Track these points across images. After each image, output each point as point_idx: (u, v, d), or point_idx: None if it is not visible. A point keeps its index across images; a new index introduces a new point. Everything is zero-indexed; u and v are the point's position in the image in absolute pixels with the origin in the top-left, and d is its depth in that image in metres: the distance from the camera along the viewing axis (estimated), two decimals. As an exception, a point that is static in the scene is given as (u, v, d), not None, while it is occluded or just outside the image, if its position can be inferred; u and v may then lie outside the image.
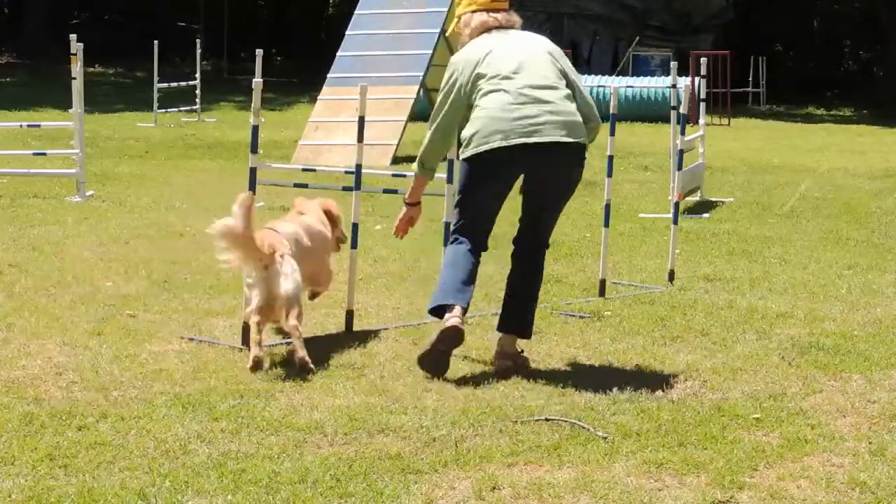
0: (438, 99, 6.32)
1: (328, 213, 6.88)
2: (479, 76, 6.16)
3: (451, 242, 6.26)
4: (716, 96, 26.36)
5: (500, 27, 6.34)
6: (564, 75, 6.27)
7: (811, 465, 4.76)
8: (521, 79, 6.12)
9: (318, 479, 4.45)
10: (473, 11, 6.37)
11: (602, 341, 6.67)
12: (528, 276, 6.26)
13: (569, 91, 6.20)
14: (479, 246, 6.21)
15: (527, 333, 6.23)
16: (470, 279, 6.10)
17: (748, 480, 4.56)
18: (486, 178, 6.12)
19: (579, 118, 6.14)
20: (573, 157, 6.14)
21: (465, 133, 6.14)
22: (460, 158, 6.22)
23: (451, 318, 5.92)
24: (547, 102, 6.09)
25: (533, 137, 6.01)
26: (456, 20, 6.51)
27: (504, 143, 6.01)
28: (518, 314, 6.19)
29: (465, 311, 6.01)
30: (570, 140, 6.07)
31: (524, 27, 6.49)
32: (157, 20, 38.45)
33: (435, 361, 5.90)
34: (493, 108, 6.07)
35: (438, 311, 6.04)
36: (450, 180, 7.44)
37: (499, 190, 6.18)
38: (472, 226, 6.20)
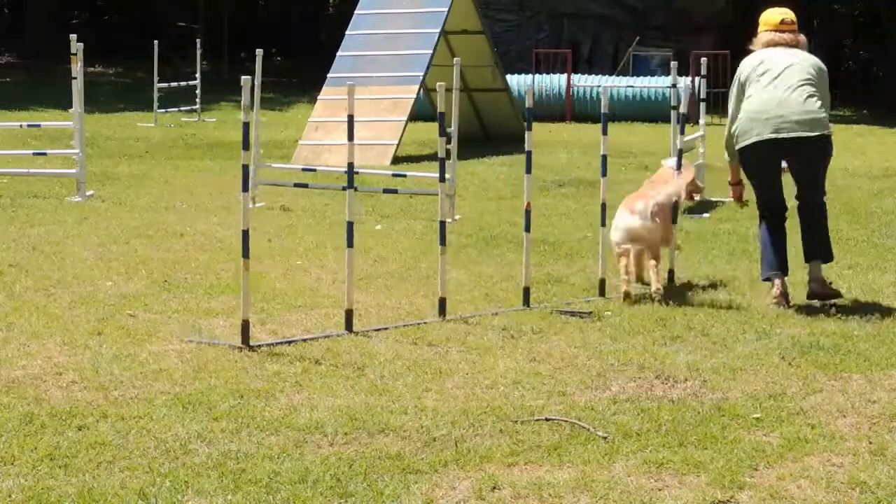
0: (731, 95, 8.01)
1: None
2: (751, 79, 7.81)
3: (761, 218, 7.93)
4: (716, 96, 26.35)
5: (785, 45, 7.96)
6: (818, 86, 7.86)
7: (811, 465, 4.76)
8: (779, 83, 7.73)
9: (318, 479, 4.46)
10: (765, 31, 8.05)
11: (602, 341, 6.67)
12: (814, 214, 7.94)
13: (818, 94, 7.81)
14: (779, 217, 7.90)
15: (828, 257, 7.92)
16: (782, 250, 7.82)
17: (748, 480, 4.56)
18: (753, 165, 7.84)
19: (822, 115, 7.77)
20: (813, 146, 7.74)
21: (735, 130, 7.84)
22: (736, 149, 7.88)
23: (774, 291, 7.63)
24: (793, 103, 7.66)
25: (781, 134, 7.65)
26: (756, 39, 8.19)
27: (758, 139, 7.68)
28: (816, 242, 7.86)
29: (785, 274, 7.75)
30: (809, 134, 7.69)
31: (524, 27, 6.60)
32: (157, 20, 38.44)
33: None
34: (752, 110, 7.72)
35: (768, 280, 7.77)
36: (441, 180, 7.44)
37: (768, 173, 7.86)
38: (767, 202, 7.90)
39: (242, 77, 6.38)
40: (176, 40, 36.44)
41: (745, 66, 7.95)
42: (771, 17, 8.10)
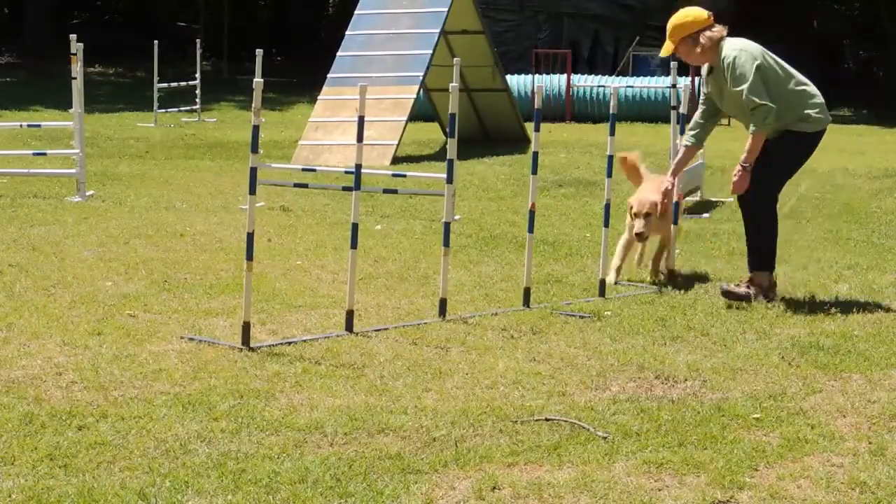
0: (755, 77, 7.59)
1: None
2: (775, 66, 7.70)
3: (773, 211, 7.95)
4: (716, 96, 26.25)
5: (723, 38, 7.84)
6: None
7: (811, 465, 4.76)
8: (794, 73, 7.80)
9: (318, 479, 4.46)
10: (707, 28, 7.78)
11: (602, 341, 6.67)
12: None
13: None
14: None
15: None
16: None
17: (748, 480, 4.56)
18: (810, 153, 7.87)
19: None
20: None
21: (806, 111, 7.69)
22: (803, 132, 7.73)
23: (775, 286, 7.89)
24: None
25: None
26: (690, 40, 7.82)
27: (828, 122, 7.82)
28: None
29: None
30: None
31: (524, 27, 6.58)
32: (157, 20, 38.46)
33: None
34: (818, 96, 7.75)
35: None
36: (450, 181, 7.44)
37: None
38: (780, 194, 7.97)
39: (255, 80, 6.37)
40: (176, 40, 36.45)
41: (755, 53, 7.75)
42: (699, 14, 7.86)
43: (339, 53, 18.49)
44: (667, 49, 7.86)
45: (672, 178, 8.15)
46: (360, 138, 6.76)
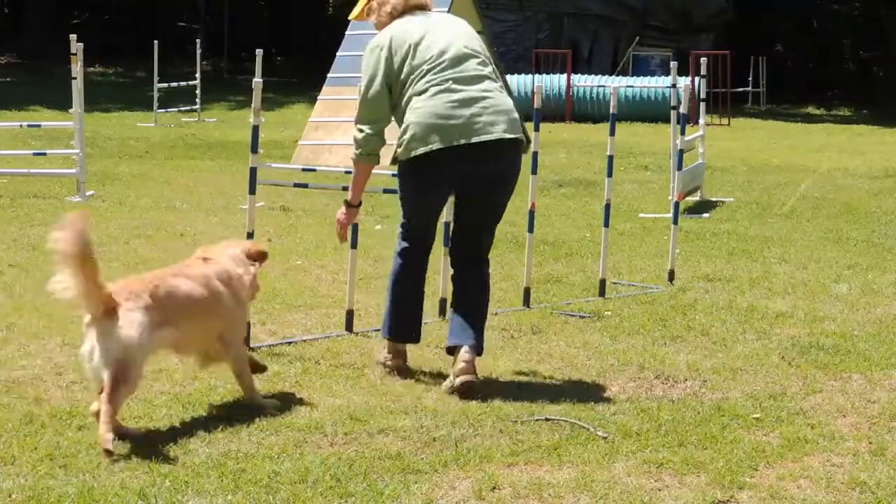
0: (366, 90, 5.70)
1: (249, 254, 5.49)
2: (413, 66, 5.63)
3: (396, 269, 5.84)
4: (716, 96, 26.35)
5: (420, 7, 5.85)
6: (490, 61, 5.74)
7: (811, 465, 4.76)
8: (452, 70, 5.58)
9: (318, 479, 4.45)
10: None
11: (602, 341, 6.67)
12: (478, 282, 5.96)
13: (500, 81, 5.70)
14: (425, 255, 6.01)
15: (478, 349, 5.72)
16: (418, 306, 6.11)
17: (748, 480, 4.56)
18: (425, 181, 5.65)
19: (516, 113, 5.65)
20: (514, 154, 5.67)
21: (403, 138, 5.61)
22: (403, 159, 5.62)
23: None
24: (484, 98, 5.60)
25: (474, 137, 5.52)
26: (365, 2, 6.01)
27: (443, 146, 5.53)
28: (470, 323, 5.76)
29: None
30: (513, 136, 5.60)
31: (524, 27, 6.44)
32: (157, 20, 38.47)
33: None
34: (430, 108, 5.56)
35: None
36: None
37: (438, 194, 5.79)
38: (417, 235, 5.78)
39: (254, 80, 6.36)
40: (176, 40, 36.46)
41: (382, 46, 5.85)
42: None
43: (339, 53, 18.48)
44: (356, 12, 6.21)
45: None
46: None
